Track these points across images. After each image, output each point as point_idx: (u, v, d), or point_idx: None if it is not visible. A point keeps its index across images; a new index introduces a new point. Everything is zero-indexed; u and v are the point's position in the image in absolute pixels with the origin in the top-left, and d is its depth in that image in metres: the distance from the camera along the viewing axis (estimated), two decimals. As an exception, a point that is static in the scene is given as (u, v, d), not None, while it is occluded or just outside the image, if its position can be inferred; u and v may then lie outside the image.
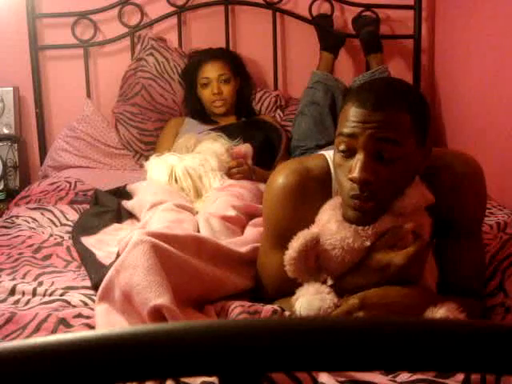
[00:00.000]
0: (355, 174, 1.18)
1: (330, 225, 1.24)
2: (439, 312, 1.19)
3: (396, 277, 1.22)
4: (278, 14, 2.98)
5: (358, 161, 1.19)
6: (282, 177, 1.38)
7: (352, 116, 1.20)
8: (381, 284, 1.22)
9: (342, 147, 1.22)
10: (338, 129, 1.24)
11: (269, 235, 1.44)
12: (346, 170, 1.22)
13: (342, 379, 1.07)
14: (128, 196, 2.14)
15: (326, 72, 2.77)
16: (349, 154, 1.21)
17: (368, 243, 1.22)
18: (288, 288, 1.31)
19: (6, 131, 2.89)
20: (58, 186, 2.41)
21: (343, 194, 1.24)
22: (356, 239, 1.22)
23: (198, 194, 2.13)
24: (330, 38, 2.85)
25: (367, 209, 1.20)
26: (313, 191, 1.36)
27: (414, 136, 1.21)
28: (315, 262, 1.26)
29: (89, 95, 2.96)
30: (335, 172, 1.29)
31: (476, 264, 1.38)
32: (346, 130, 1.20)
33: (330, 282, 1.29)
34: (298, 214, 1.35)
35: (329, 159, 1.38)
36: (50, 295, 1.48)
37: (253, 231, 1.74)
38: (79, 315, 1.36)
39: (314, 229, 1.26)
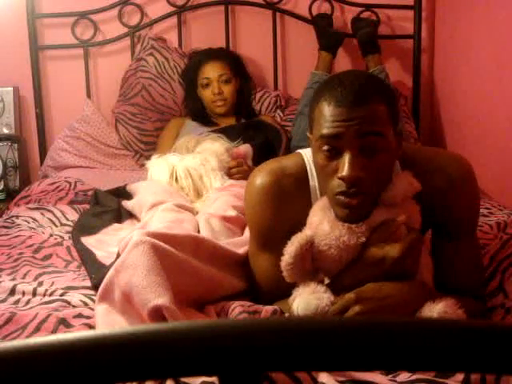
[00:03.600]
0: (345, 172, 1.17)
1: (322, 225, 1.24)
2: (437, 307, 1.19)
3: (392, 270, 1.22)
4: (278, 14, 2.99)
5: (345, 160, 1.18)
6: (258, 178, 1.39)
7: (331, 116, 1.18)
8: (377, 279, 1.22)
9: (325, 148, 1.20)
10: (317, 130, 1.22)
11: (253, 237, 1.44)
12: (331, 170, 1.21)
13: (342, 379, 1.07)
14: (128, 196, 2.14)
15: (325, 72, 2.77)
16: (334, 153, 1.20)
17: (363, 239, 1.22)
18: (279, 288, 1.31)
19: (6, 131, 2.89)
20: (57, 186, 2.41)
21: (330, 194, 1.23)
22: (351, 237, 1.22)
23: (199, 194, 2.13)
24: (328, 38, 2.85)
25: (355, 205, 1.20)
26: (290, 189, 1.36)
27: (391, 124, 1.22)
28: (311, 264, 1.26)
29: (89, 95, 2.96)
30: (318, 173, 1.28)
31: (472, 264, 1.38)
32: (328, 131, 1.19)
33: (326, 282, 1.29)
34: (278, 213, 1.36)
35: (305, 157, 1.38)
36: (50, 295, 1.48)
37: (253, 231, 1.74)
38: (79, 315, 1.36)
39: (307, 231, 1.26)
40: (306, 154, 1.38)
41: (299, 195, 1.35)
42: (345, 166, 1.18)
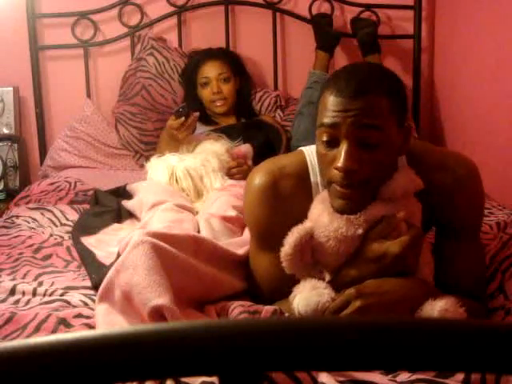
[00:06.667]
0: (340, 163, 1.18)
1: (322, 217, 1.25)
2: (438, 305, 1.18)
3: (392, 266, 1.22)
4: (277, 13, 2.98)
5: (342, 150, 1.19)
6: (256, 178, 1.39)
7: (332, 105, 1.20)
8: (378, 276, 1.22)
9: (324, 138, 1.22)
10: (319, 119, 1.23)
11: (253, 237, 1.45)
12: (329, 159, 1.22)
13: (342, 379, 1.07)
14: (128, 196, 2.14)
15: (323, 71, 2.77)
16: (332, 143, 1.21)
17: (360, 231, 1.22)
18: (279, 288, 1.31)
19: (6, 131, 2.89)
20: (58, 186, 2.41)
21: (327, 184, 1.24)
22: (349, 228, 1.22)
23: (199, 194, 2.13)
24: (326, 37, 2.85)
25: (351, 196, 1.20)
26: (289, 188, 1.36)
27: (394, 119, 1.21)
28: (311, 257, 1.26)
29: (89, 95, 2.96)
30: (319, 162, 1.29)
31: (475, 265, 1.38)
32: (327, 120, 1.20)
33: (327, 279, 1.30)
34: (277, 213, 1.36)
35: (306, 154, 1.38)
36: (50, 295, 1.48)
37: (253, 231, 1.74)
38: (79, 315, 1.36)
39: (307, 223, 1.26)
40: (308, 150, 1.37)
41: (299, 193, 1.35)
42: (341, 156, 1.19)
